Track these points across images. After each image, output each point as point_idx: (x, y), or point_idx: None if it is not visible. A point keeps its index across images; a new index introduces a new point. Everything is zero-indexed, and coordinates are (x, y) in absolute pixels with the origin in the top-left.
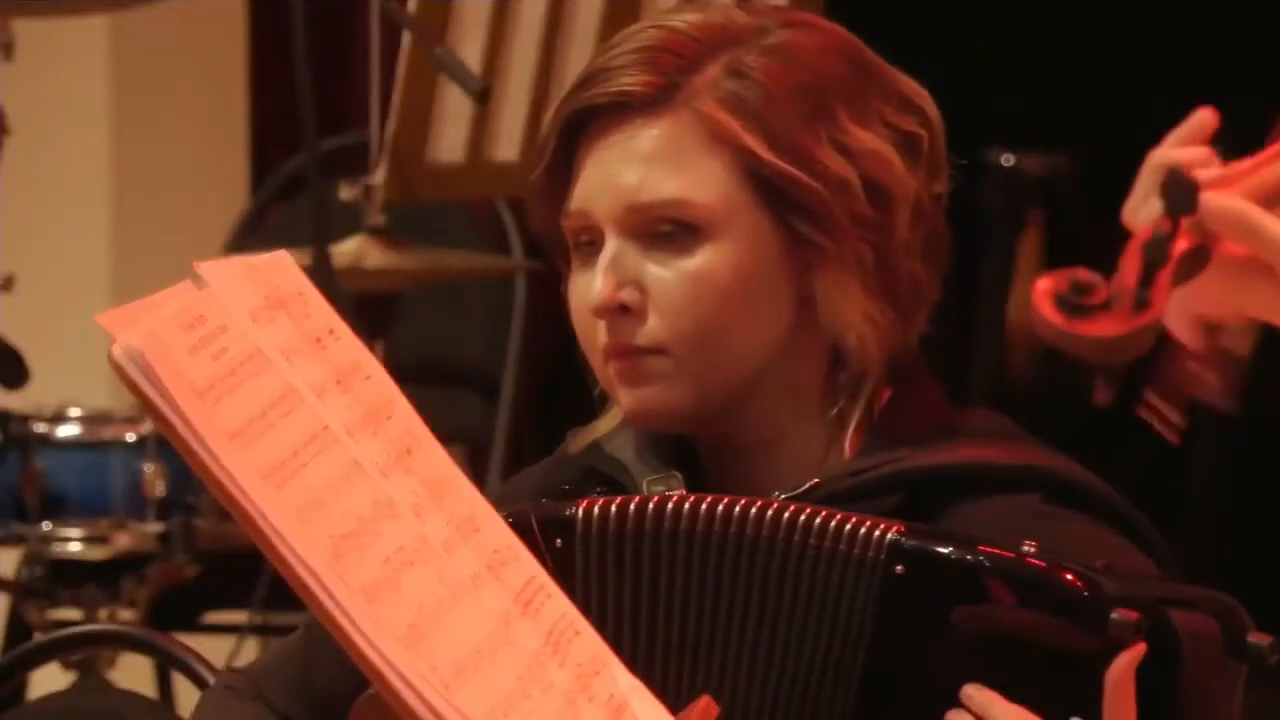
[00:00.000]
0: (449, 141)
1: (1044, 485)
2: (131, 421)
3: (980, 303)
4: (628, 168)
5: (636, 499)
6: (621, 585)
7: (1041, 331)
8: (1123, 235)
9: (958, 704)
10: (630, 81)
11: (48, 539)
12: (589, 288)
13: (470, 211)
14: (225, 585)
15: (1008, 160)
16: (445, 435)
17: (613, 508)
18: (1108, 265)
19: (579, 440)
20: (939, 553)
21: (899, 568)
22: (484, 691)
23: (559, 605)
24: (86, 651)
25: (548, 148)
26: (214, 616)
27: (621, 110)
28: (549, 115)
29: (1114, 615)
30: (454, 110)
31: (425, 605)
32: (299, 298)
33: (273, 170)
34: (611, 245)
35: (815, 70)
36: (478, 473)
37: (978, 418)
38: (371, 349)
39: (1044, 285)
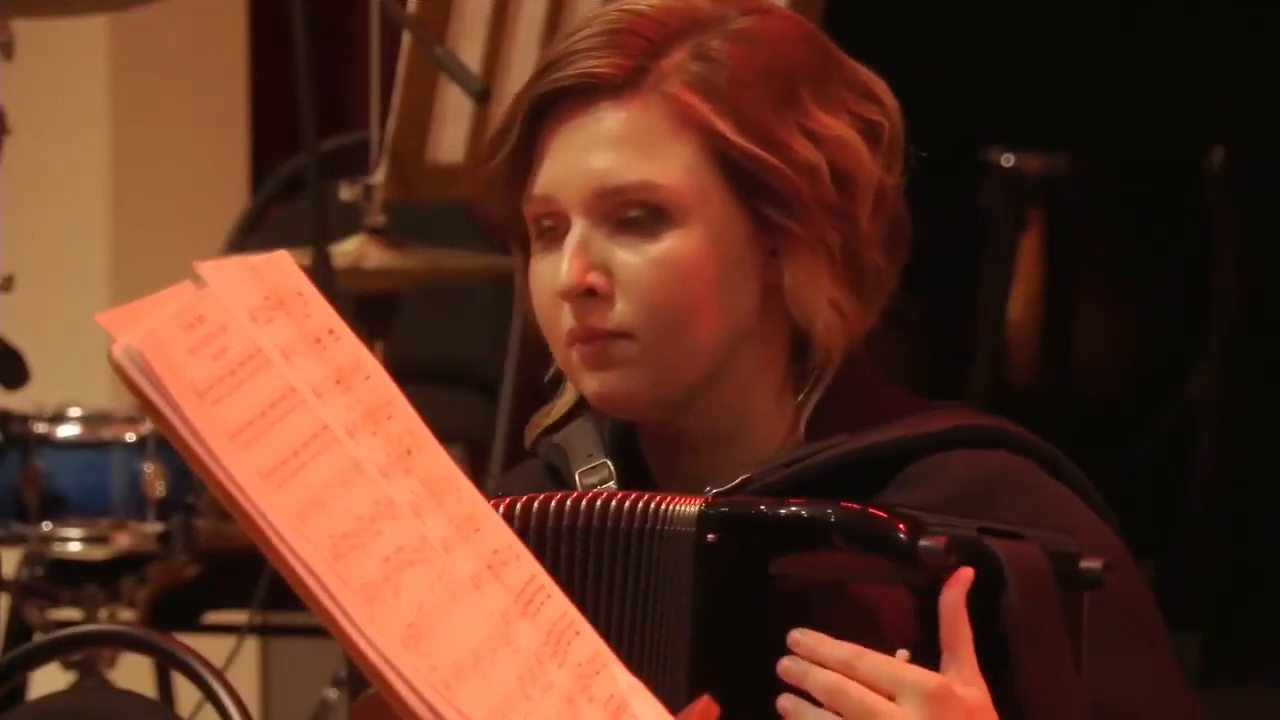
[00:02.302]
0: (449, 141)
1: (978, 443)
2: (131, 421)
3: (980, 302)
4: (596, 152)
5: (544, 497)
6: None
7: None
8: (1121, 235)
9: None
10: (597, 63)
11: (48, 539)
12: (554, 271)
13: (470, 211)
14: (225, 585)
15: (1008, 160)
16: (445, 435)
17: (532, 505)
18: (1108, 265)
19: (532, 428)
20: (746, 513)
21: (710, 536)
22: (484, 691)
23: (559, 605)
24: (86, 651)
25: (511, 132)
26: (214, 616)
27: (588, 93)
28: (511, 100)
29: (922, 543)
30: (454, 110)
31: (425, 605)
32: (299, 298)
33: (273, 170)
34: (579, 229)
35: (781, 55)
36: (478, 473)
37: (920, 402)
38: (371, 349)
39: None
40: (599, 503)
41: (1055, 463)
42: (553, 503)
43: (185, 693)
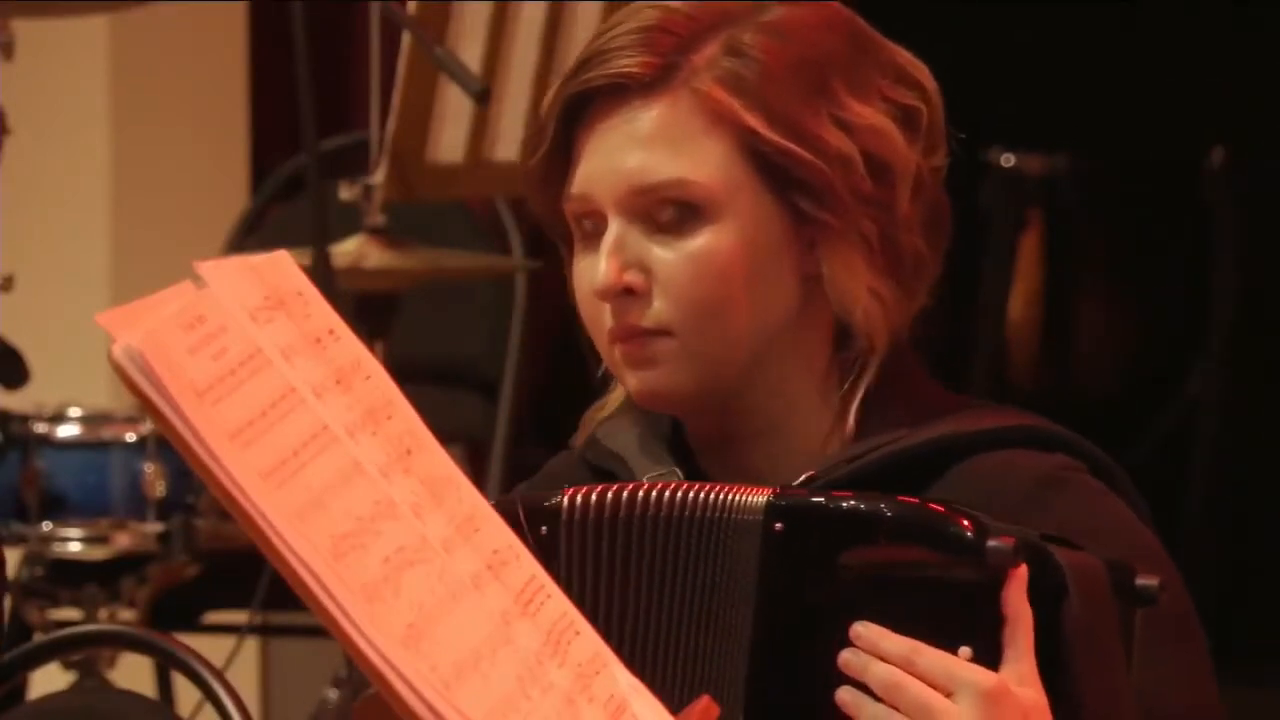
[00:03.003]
0: (449, 141)
1: (1037, 444)
2: (131, 421)
3: (980, 302)
4: (629, 150)
5: (615, 487)
6: (599, 572)
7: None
8: (1121, 235)
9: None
10: (628, 63)
11: (48, 539)
12: (593, 271)
13: (470, 211)
14: (225, 585)
15: (1008, 160)
16: (445, 435)
17: (593, 496)
18: (1108, 265)
19: (584, 428)
20: (814, 503)
21: (778, 525)
22: (484, 691)
23: (559, 605)
24: (86, 651)
25: (547, 132)
26: (214, 616)
27: (620, 92)
28: (547, 99)
29: (990, 543)
30: (454, 110)
31: (425, 605)
32: (299, 298)
33: (273, 170)
34: (615, 228)
35: (812, 45)
36: (478, 473)
37: (965, 398)
38: (371, 349)
39: None
40: (666, 493)
41: (1109, 470)
42: (624, 493)
43: (185, 693)
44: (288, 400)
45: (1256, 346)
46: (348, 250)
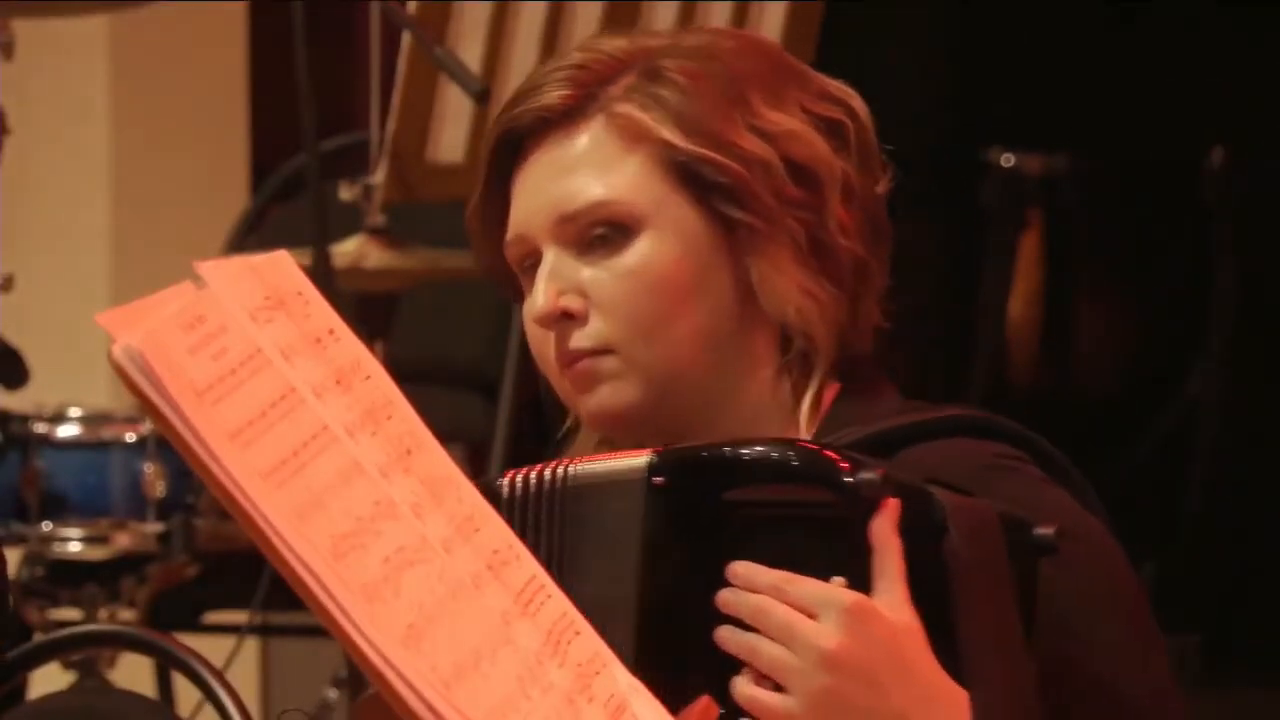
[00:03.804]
0: (449, 141)
1: (978, 433)
2: (131, 421)
3: (980, 303)
4: (553, 181)
5: (540, 466)
6: (530, 546)
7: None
8: (1121, 235)
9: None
10: (549, 99)
11: (48, 539)
12: (533, 302)
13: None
14: (225, 585)
15: (1008, 160)
16: (445, 435)
17: (530, 476)
18: (1108, 265)
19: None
20: (691, 453)
21: (657, 479)
22: (484, 691)
23: (559, 605)
24: (86, 651)
25: (480, 179)
26: (214, 616)
27: (543, 128)
28: (482, 150)
29: (861, 475)
30: (454, 110)
31: (425, 605)
32: (299, 298)
33: (273, 170)
34: (549, 256)
35: (729, 65)
36: (477, 473)
37: (921, 403)
38: (371, 349)
39: None
40: (573, 467)
41: (1050, 459)
42: (546, 470)
43: (185, 693)
44: (288, 400)
45: (1256, 346)
46: (348, 250)
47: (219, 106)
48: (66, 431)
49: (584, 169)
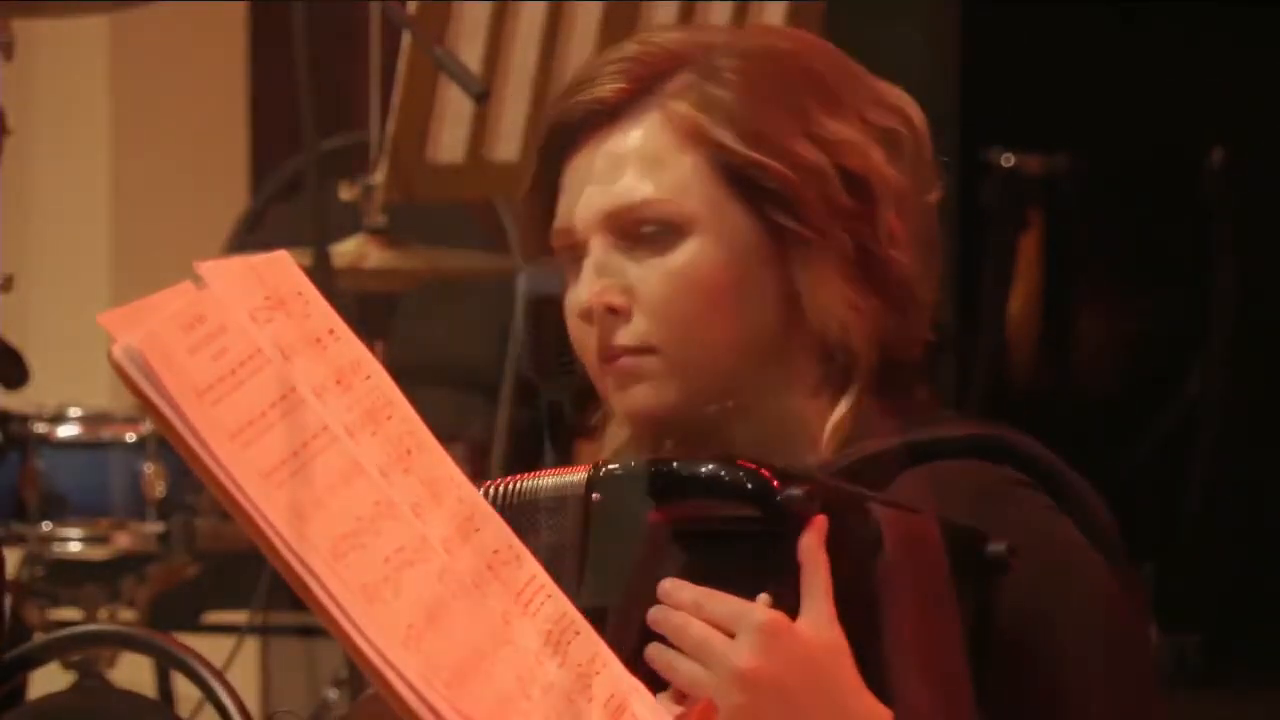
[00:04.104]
0: (449, 141)
1: (988, 455)
2: (131, 421)
3: (980, 303)
4: (605, 174)
5: (510, 479)
6: None
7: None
8: (1121, 235)
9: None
10: (604, 91)
11: (48, 539)
12: (577, 295)
13: (470, 211)
14: (225, 585)
15: (1008, 160)
16: (445, 435)
17: (501, 488)
18: (1108, 264)
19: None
20: (625, 468)
21: (595, 495)
22: (484, 691)
23: (559, 605)
24: (86, 651)
25: (531, 167)
26: (214, 616)
27: (596, 119)
28: (534, 137)
29: (788, 491)
30: (454, 110)
31: (425, 605)
32: (299, 298)
33: (273, 170)
34: (595, 250)
35: (788, 68)
36: (478, 473)
37: (948, 413)
38: (371, 349)
39: None
40: (526, 482)
41: (1060, 483)
42: (511, 484)
43: (185, 693)
44: (288, 400)
45: (1256, 346)
46: (348, 250)
47: (219, 106)
48: (66, 431)
49: (636, 165)
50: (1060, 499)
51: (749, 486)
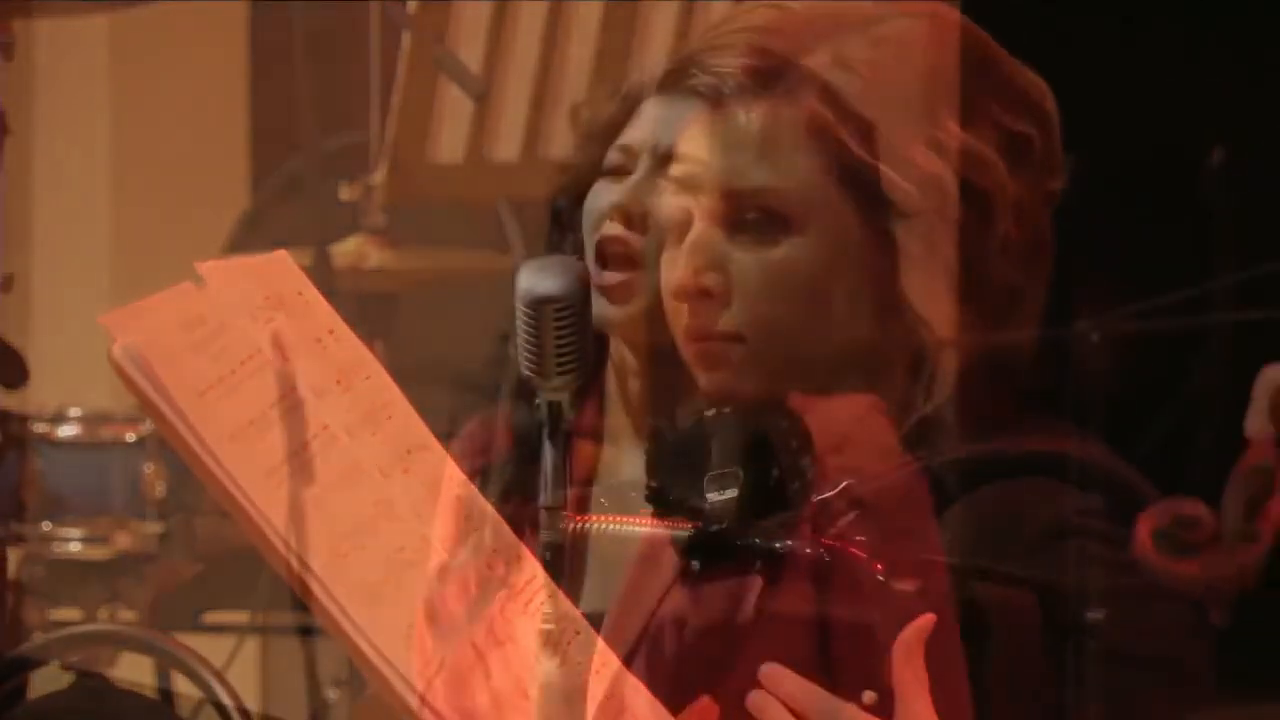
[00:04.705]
0: (449, 141)
1: (1053, 471)
2: (131, 421)
3: None
4: (723, 152)
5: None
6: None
7: (1142, 566)
8: (1120, 236)
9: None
10: (735, 64)
11: (48, 539)
12: (674, 268)
13: (470, 211)
14: (225, 585)
15: None
16: (445, 435)
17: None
18: (1105, 266)
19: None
20: (722, 540)
21: (694, 563)
22: (484, 691)
23: (558, 605)
24: (86, 651)
25: (627, 103)
26: (214, 616)
27: (719, 88)
28: (638, 75)
29: (896, 586)
30: (454, 110)
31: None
32: (299, 298)
33: (272, 170)
34: (698, 227)
35: (922, 64)
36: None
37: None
38: (371, 349)
39: (1146, 520)
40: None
41: (1124, 494)
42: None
43: (185, 693)
44: (288, 400)
45: (1256, 346)
46: (348, 250)
47: (219, 106)
48: (66, 431)
49: (756, 150)
50: (1129, 512)
51: (861, 578)
